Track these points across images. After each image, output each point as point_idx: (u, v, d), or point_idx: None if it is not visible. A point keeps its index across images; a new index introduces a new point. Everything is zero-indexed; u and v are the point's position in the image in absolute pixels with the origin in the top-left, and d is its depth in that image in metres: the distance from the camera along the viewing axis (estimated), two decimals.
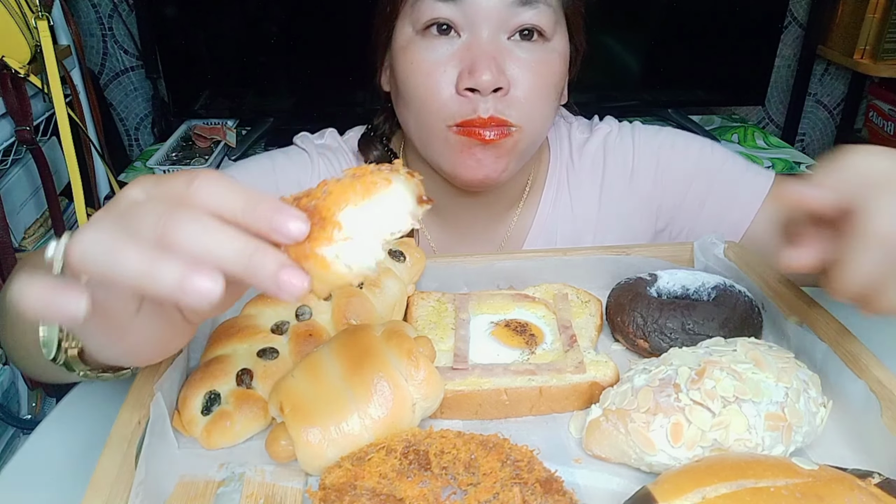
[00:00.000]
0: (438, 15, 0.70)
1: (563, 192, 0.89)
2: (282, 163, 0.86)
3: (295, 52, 1.92)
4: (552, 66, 0.74)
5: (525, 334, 0.59)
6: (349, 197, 0.35)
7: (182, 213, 0.33)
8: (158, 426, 0.47)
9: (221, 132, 1.97)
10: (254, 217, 0.34)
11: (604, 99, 2.04)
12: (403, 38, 0.74)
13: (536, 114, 0.74)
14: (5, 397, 1.33)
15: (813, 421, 0.48)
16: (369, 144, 0.87)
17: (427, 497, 0.41)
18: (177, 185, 0.35)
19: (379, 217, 0.36)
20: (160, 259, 0.32)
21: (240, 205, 0.34)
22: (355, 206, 0.35)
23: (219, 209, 0.34)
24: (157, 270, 0.32)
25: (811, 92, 2.37)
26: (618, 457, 0.48)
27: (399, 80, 0.76)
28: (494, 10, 0.70)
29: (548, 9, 0.72)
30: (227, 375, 0.53)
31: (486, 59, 0.69)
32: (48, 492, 0.53)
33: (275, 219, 0.33)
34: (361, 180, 0.36)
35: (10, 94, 1.32)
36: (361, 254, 0.35)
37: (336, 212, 0.35)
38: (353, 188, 0.36)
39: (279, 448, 0.48)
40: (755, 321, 0.59)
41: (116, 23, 2.04)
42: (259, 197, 0.34)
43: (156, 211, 0.34)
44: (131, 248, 0.32)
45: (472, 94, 0.70)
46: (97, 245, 0.33)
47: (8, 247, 1.29)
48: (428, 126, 0.74)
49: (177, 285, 0.32)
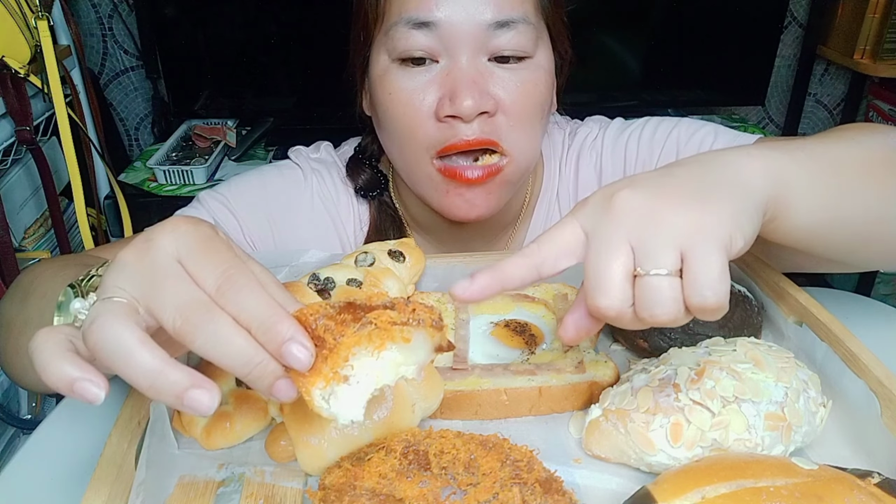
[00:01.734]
0: (413, 43, 0.67)
1: (553, 207, 0.87)
2: (272, 180, 0.84)
3: (295, 52, 1.92)
4: (537, 84, 0.71)
5: (525, 334, 0.59)
6: (361, 342, 0.37)
7: (201, 312, 0.36)
8: (158, 427, 0.47)
9: (221, 132, 1.97)
10: (267, 337, 0.36)
11: (604, 99, 2.04)
12: (380, 67, 0.71)
13: (524, 137, 0.71)
14: (5, 397, 1.33)
15: (812, 421, 0.48)
16: (357, 167, 0.85)
17: (427, 497, 0.41)
18: (209, 275, 0.37)
19: (386, 367, 0.38)
20: (169, 368, 0.35)
21: (259, 319, 0.36)
22: (365, 352, 0.37)
23: (239, 317, 0.36)
24: (163, 379, 0.34)
25: (811, 92, 2.37)
26: (617, 457, 0.48)
27: (379, 109, 0.73)
28: (471, 34, 0.66)
29: (527, 27, 0.68)
30: (226, 376, 0.53)
31: (467, 84, 0.66)
32: (48, 492, 0.53)
33: (285, 347, 0.35)
34: (379, 333, 0.37)
35: (10, 94, 1.32)
36: (348, 401, 0.37)
37: (344, 355, 0.36)
38: (367, 338, 0.37)
39: (279, 448, 0.48)
40: (755, 321, 0.59)
41: (116, 23, 2.04)
42: (278, 316, 0.36)
43: (178, 294, 0.36)
44: (145, 353, 0.35)
45: (453, 121, 0.67)
46: (114, 339, 0.35)
47: (8, 247, 1.29)
48: (411, 156, 0.72)
49: (178, 396, 0.34)
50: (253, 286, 0.37)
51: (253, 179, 0.84)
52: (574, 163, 0.86)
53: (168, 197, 1.78)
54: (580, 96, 2.00)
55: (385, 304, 0.38)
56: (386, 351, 0.37)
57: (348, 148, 0.90)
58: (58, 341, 0.36)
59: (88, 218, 1.51)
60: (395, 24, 0.68)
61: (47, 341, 0.36)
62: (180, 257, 0.38)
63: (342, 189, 0.85)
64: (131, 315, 0.36)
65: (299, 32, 1.90)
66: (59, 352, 0.35)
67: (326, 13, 1.85)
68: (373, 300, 0.38)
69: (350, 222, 0.85)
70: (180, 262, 0.37)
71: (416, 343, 0.38)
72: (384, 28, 0.70)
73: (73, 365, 0.35)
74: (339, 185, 0.85)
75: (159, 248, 0.38)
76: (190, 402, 0.34)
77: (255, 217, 0.81)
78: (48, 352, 0.35)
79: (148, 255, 0.38)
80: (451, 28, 0.66)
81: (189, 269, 0.37)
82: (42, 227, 1.53)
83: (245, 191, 0.83)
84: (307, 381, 0.36)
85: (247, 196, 0.82)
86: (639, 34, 2.02)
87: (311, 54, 1.90)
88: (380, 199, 0.85)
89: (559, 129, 0.90)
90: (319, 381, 0.36)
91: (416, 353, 0.39)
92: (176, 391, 0.34)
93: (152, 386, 0.35)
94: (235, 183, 0.84)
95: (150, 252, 0.38)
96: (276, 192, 0.83)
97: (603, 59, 1.99)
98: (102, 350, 0.35)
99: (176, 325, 0.36)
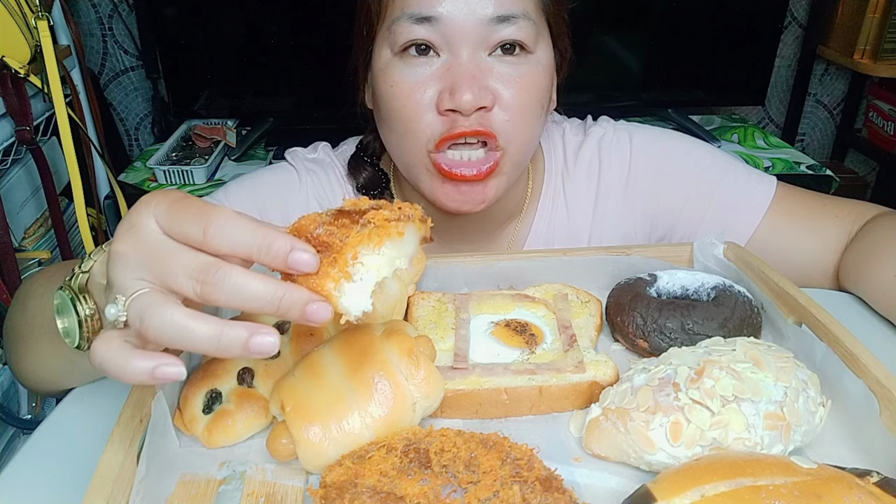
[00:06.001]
0: (415, 36, 0.68)
1: (559, 201, 0.87)
2: (267, 182, 0.85)
3: (295, 52, 1.92)
4: (537, 80, 0.72)
5: (525, 334, 0.59)
6: (361, 241, 0.40)
7: (212, 271, 0.38)
8: (160, 425, 0.47)
9: (221, 132, 1.97)
10: (269, 257, 0.38)
11: (604, 99, 2.04)
12: (382, 61, 0.72)
13: (521, 131, 0.72)
14: (5, 397, 1.33)
15: (812, 420, 0.48)
16: (359, 165, 0.86)
17: (427, 495, 0.41)
18: (191, 228, 0.39)
19: (384, 261, 0.41)
20: (226, 328, 0.37)
21: (256, 244, 0.38)
22: (366, 250, 0.40)
23: (236, 251, 0.38)
24: (226, 338, 0.37)
25: (811, 92, 2.37)
26: (617, 455, 0.48)
27: (380, 102, 0.74)
28: (472, 28, 0.68)
29: (528, 22, 0.69)
30: (228, 374, 0.53)
31: (466, 79, 0.67)
32: (48, 492, 0.53)
33: (290, 258, 0.38)
34: (377, 231, 0.41)
35: (10, 94, 1.32)
36: (355, 296, 0.40)
37: (353, 253, 0.40)
38: (367, 237, 0.40)
39: (280, 446, 0.48)
40: (754, 321, 0.59)
41: (116, 23, 2.04)
42: (271, 235, 0.38)
43: (185, 264, 0.38)
44: (200, 324, 0.37)
45: (453, 114, 0.69)
46: (168, 323, 0.37)
47: (8, 247, 1.29)
48: (410, 148, 0.73)
49: (244, 347, 0.37)
50: (235, 220, 0.38)
51: (247, 183, 0.85)
52: (588, 161, 0.87)
53: None
54: (580, 96, 2.00)
55: (373, 206, 0.41)
56: (383, 247, 0.41)
57: (347, 147, 0.90)
58: (118, 346, 0.39)
59: (88, 218, 1.51)
60: (397, 18, 0.69)
61: (109, 349, 0.39)
62: (164, 228, 0.39)
63: (339, 188, 0.86)
64: (167, 298, 0.38)
65: (299, 32, 1.90)
66: (124, 353, 0.38)
67: (326, 13, 1.85)
68: (359, 205, 0.41)
69: None
70: (166, 234, 0.39)
71: (407, 237, 0.42)
72: (386, 23, 0.71)
73: (143, 358, 0.38)
74: (335, 184, 0.86)
75: (143, 228, 0.39)
76: (257, 348, 0.37)
77: None
78: (116, 357, 0.38)
79: (139, 239, 0.39)
80: (453, 23, 0.67)
81: (175, 235, 0.39)
82: (42, 227, 1.53)
83: (240, 193, 0.84)
84: (319, 285, 0.39)
85: (242, 198, 0.83)
86: (639, 34, 2.02)
87: (311, 54, 1.90)
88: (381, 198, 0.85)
89: (558, 126, 0.91)
90: (329, 283, 0.39)
91: (406, 246, 0.43)
92: (241, 343, 0.37)
93: (219, 347, 0.37)
94: (231, 186, 0.85)
95: (138, 236, 0.39)
96: (271, 194, 0.84)
97: (603, 59, 1.99)
98: (164, 339, 0.37)
99: (196, 291, 0.38)
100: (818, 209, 0.82)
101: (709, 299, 0.61)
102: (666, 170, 0.85)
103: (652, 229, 0.87)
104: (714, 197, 0.84)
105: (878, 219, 0.77)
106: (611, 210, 0.86)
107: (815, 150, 2.50)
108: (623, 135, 0.87)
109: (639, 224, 0.87)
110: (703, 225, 0.84)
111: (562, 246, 0.86)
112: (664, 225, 0.87)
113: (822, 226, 0.81)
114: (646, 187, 0.86)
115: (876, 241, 0.74)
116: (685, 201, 0.85)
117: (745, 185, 0.84)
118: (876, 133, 2.31)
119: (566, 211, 0.87)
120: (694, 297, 0.62)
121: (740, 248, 0.68)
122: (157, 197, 0.40)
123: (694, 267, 0.70)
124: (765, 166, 1.92)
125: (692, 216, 0.85)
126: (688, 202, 0.85)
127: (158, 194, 0.41)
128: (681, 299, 0.62)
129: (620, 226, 0.87)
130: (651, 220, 0.87)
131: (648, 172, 0.86)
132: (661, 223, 0.87)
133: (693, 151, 0.87)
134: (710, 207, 0.84)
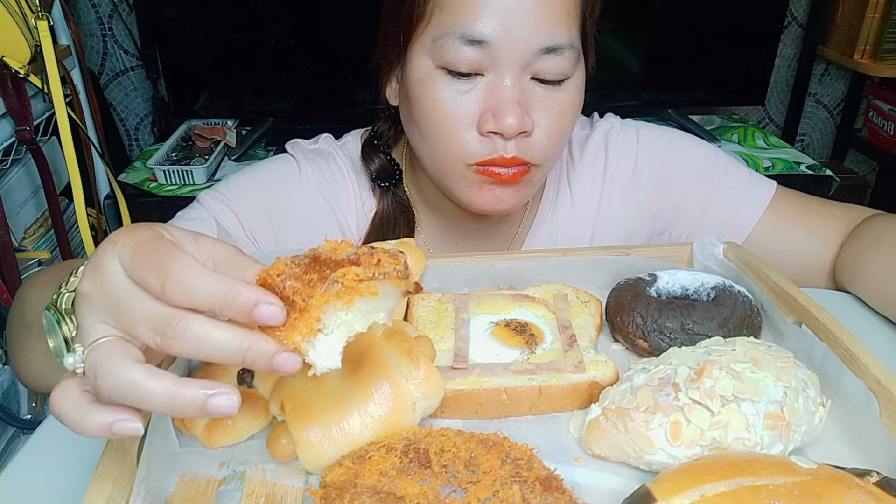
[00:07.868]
0: (465, 58, 0.68)
1: (563, 190, 0.89)
2: (267, 173, 0.85)
3: (295, 52, 1.92)
4: (573, 104, 0.73)
5: (525, 334, 0.59)
6: (330, 301, 0.38)
7: (172, 324, 0.36)
8: (160, 425, 0.47)
9: (221, 132, 1.97)
10: (233, 311, 0.36)
11: (604, 99, 2.04)
12: (422, 70, 0.71)
13: (555, 151, 0.74)
14: (5, 397, 1.33)
15: (811, 420, 0.48)
16: (372, 154, 0.86)
17: (427, 495, 0.41)
18: (151, 279, 0.37)
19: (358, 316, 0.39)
20: (182, 389, 0.36)
21: (218, 298, 0.36)
22: (334, 309, 0.38)
23: (196, 305, 0.36)
24: (181, 399, 0.36)
25: (811, 92, 2.37)
26: (617, 455, 0.48)
27: (416, 112, 0.73)
28: (520, 55, 0.68)
29: (572, 52, 0.70)
30: (227, 374, 0.53)
31: (510, 104, 0.68)
32: (48, 492, 0.53)
33: (255, 312, 0.36)
34: (346, 290, 0.38)
35: (10, 94, 1.32)
36: (325, 351, 0.38)
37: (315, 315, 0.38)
38: (335, 296, 0.38)
39: (280, 446, 0.48)
40: (754, 321, 0.59)
41: (116, 23, 2.04)
42: (235, 288, 0.36)
43: (146, 314, 0.37)
44: (155, 384, 0.36)
45: (494, 136, 0.69)
46: (122, 380, 0.36)
47: (8, 247, 1.29)
48: (444, 160, 0.73)
49: (201, 409, 0.36)
50: (195, 271, 0.36)
51: (248, 175, 0.85)
52: (594, 154, 0.88)
53: (168, 197, 1.78)
54: None
55: (350, 257, 0.38)
56: (355, 304, 0.38)
57: (350, 139, 0.90)
58: (76, 399, 0.37)
59: (88, 218, 1.52)
60: (445, 34, 0.68)
61: (67, 402, 0.37)
62: (127, 272, 0.38)
63: (341, 177, 0.86)
64: (125, 350, 0.37)
65: (299, 32, 1.90)
66: (82, 407, 0.37)
67: (326, 13, 1.85)
68: (337, 252, 0.39)
69: (351, 210, 0.85)
70: (130, 277, 0.38)
71: (383, 293, 0.39)
72: (431, 34, 0.69)
73: (100, 412, 0.37)
74: (337, 173, 0.86)
75: (107, 271, 0.38)
76: (214, 410, 0.36)
77: (253, 212, 0.81)
78: (74, 411, 0.37)
79: (102, 282, 0.38)
80: (502, 48, 0.67)
81: (137, 282, 0.37)
82: (42, 227, 1.53)
83: (242, 187, 0.84)
84: (286, 337, 0.37)
85: (244, 192, 0.83)
86: (639, 34, 2.02)
87: (311, 54, 1.90)
88: (391, 189, 0.86)
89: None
90: (297, 336, 0.37)
91: (385, 301, 0.40)
92: (197, 405, 0.36)
93: (174, 409, 0.36)
94: (233, 180, 0.85)
95: (101, 278, 0.38)
96: (271, 185, 0.84)
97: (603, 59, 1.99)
98: (117, 396, 0.36)
99: (157, 342, 0.36)
100: (816, 210, 0.84)
101: (709, 299, 0.61)
102: (670, 166, 0.87)
103: (654, 223, 0.89)
104: (714, 194, 0.85)
105: (872, 219, 0.79)
106: (615, 202, 0.88)
107: (815, 150, 2.51)
108: (630, 130, 0.89)
109: (642, 217, 0.88)
110: (703, 221, 0.86)
111: (566, 237, 0.88)
112: (665, 219, 0.88)
113: (819, 225, 0.82)
114: (650, 182, 0.87)
115: (869, 238, 0.76)
116: (686, 198, 0.86)
117: (746, 185, 0.86)
118: (876, 133, 2.31)
119: (570, 199, 0.88)
120: (694, 297, 0.62)
121: (740, 248, 0.68)
122: (123, 237, 0.39)
123: (694, 267, 0.70)
124: (765, 166, 1.92)
125: (692, 212, 0.86)
126: (688, 199, 0.86)
127: (125, 233, 0.39)
128: (681, 299, 0.62)
129: (624, 219, 0.88)
130: (654, 214, 0.88)
131: (653, 167, 0.87)
132: (662, 217, 0.88)
133: (696, 150, 0.88)
134: (709, 204, 0.86)
